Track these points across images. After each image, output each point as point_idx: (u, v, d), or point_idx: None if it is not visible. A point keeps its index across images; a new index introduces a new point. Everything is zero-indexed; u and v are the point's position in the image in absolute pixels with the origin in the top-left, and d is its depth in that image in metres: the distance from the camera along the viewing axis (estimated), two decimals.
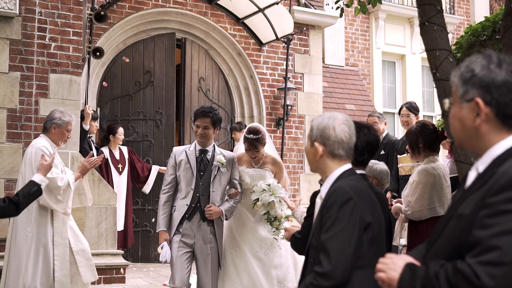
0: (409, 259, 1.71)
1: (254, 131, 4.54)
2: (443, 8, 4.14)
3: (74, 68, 6.60)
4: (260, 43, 8.85)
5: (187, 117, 8.42)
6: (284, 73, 8.83)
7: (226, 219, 4.49)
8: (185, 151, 4.40)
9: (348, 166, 2.33)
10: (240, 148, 4.96)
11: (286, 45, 8.67)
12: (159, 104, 8.27)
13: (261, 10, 8.21)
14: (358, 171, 2.55)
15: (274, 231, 4.45)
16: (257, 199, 4.39)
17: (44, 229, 4.67)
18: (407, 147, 4.20)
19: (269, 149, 4.81)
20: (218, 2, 8.45)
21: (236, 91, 8.98)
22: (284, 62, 8.87)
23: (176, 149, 4.50)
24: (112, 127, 7.48)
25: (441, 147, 4.23)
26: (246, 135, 4.55)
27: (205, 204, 4.31)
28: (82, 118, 6.73)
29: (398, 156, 6.12)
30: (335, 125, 2.30)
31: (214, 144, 4.49)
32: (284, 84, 8.79)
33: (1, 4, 6.11)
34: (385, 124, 6.61)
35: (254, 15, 8.41)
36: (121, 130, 7.46)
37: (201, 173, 4.34)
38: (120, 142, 7.48)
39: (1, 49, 6.23)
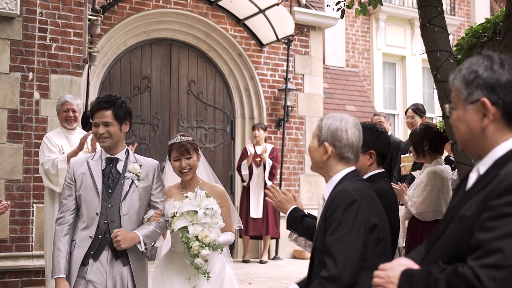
0: (406, 263, 1.71)
1: (182, 135, 3.42)
2: (444, 9, 4.14)
3: (75, 69, 6.59)
4: (260, 44, 8.85)
5: (173, 121, 8.48)
6: (285, 74, 8.83)
7: (146, 249, 3.12)
8: (87, 162, 3.16)
9: (352, 168, 2.33)
10: (167, 179, 3.58)
11: (286, 46, 8.67)
12: (156, 110, 8.40)
13: (261, 11, 8.21)
14: None
15: (193, 262, 3.08)
16: (175, 214, 3.16)
17: (52, 210, 5.11)
18: (410, 148, 4.19)
19: (209, 178, 3.59)
20: (218, 3, 8.44)
21: (237, 92, 8.98)
22: (285, 63, 8.87)
23: (75, 159, 3.24)
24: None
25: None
26: (173, 140, 3.38)
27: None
28: (85, 118, 6.68)
29: (402, 156, 6.12)
30: (348, 128, 2.30)
31: (127, 149, 3.24)
32: (284, 85, 8.78)
33: (2, 5, 6.11)
34: (390, 125, 6.62)
35: (255, 16, 8.41)
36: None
37: (110, 191, 3.10)
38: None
39: (2, 50, 6.23)
